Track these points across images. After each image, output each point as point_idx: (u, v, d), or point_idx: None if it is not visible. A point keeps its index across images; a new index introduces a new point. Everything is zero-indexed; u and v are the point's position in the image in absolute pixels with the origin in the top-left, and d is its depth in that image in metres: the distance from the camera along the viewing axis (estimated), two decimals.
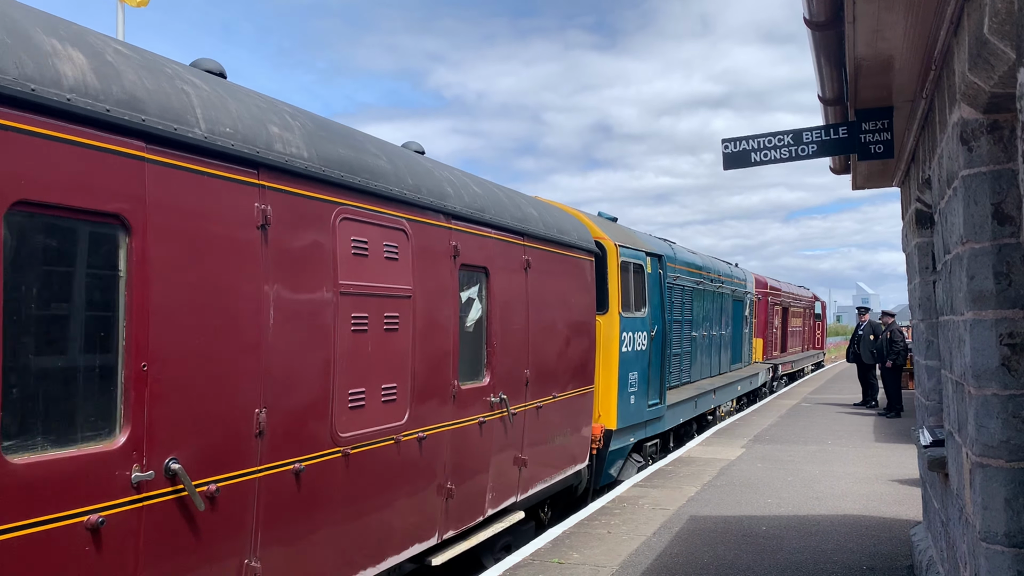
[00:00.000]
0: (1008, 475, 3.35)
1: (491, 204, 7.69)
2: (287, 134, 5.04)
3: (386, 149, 6.42)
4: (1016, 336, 3.38)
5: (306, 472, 5.00)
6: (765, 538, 8.03)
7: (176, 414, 4.10)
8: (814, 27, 4.66)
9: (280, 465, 4.81)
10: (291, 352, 4.90)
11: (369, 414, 5.63)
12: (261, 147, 4.72)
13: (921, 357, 6.66)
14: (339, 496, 5.34)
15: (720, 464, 12.13)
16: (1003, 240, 3.38)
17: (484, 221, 7.41)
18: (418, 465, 6.23)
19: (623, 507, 9.40)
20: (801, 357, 32.55)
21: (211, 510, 4.31)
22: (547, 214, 9.16)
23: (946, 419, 4.64)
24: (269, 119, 4.97)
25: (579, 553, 7.53)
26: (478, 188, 7.68)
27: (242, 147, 4.57)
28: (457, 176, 7.43)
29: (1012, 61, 2.68)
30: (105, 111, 3.77)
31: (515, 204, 8.37)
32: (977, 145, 3.43)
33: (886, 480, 10.80)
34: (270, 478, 4.72)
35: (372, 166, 5.87)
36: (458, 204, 6.96)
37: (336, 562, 5.35)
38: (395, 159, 6.37)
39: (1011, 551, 3.31)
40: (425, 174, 6.69)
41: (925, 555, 6.17)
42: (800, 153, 6.57)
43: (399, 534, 6.03)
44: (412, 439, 6.13)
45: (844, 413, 18.78)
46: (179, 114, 4.20)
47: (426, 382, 6.33)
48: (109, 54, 4.02)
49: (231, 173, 4.52)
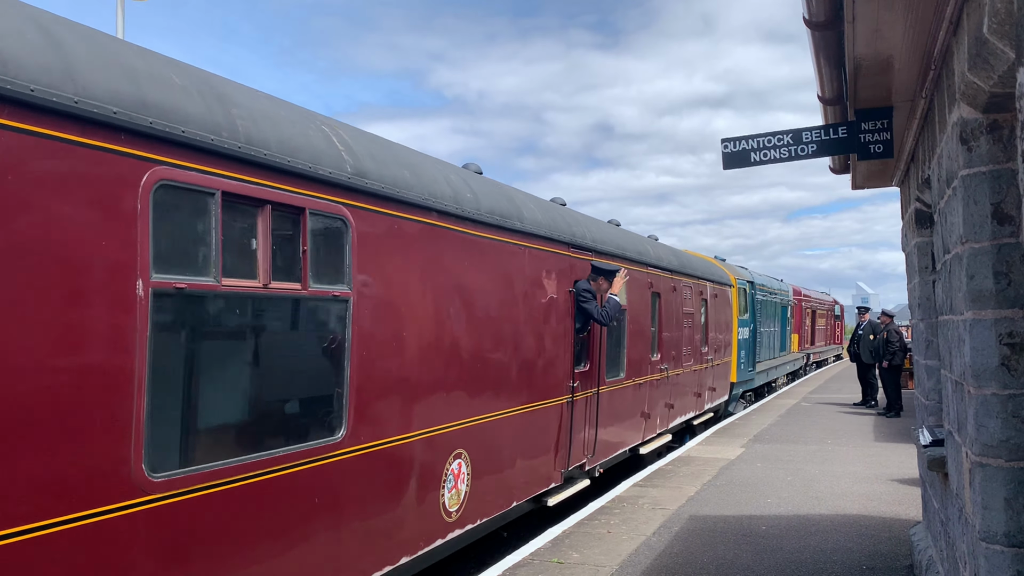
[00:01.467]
0: (1008, 475, 3.35)
1: (668, 257, 13.39)
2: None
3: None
4: (1016, 336, 3.38)
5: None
6: (765, 538, 8.03)
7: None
8: (813, 27, 4.66)
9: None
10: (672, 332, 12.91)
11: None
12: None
13: (921, 357, 6.66)
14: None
15: (720, 464, 12.14)
16: (1003, 240, 3.38)
17: (658, 265, 12.56)
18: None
19: (623, 507, 9.41)
20: (825, 349, 43.09)
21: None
22: (697, 262, 16.23)
23: (946, 419, 4.64)
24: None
25: (579, 553, 7.54)
26: (662, 251, 13.34)
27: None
28: (651, 244, 13.12)
29: (1011, 61, 2.68)
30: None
31: (679, 256, 14.60)
32: (977, 145, 3.43)
33: (886, 480, 10.81)
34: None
35: (645, 252, 12.05)
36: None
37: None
38: (641, 243, 12.16)
39: (1011, 551, 3.32)
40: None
41: (925, 555, 6.18)
42: (799, 153, 6.57)
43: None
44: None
45: (844, 413, 18.79)
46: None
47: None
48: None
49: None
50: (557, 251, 8.51)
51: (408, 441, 5.86)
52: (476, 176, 7.69)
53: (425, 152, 7.54)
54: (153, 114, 3.85)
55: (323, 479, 4.95)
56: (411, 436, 5.89)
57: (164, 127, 3.88)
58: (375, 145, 5.92)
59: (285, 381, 4.89)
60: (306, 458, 4.81)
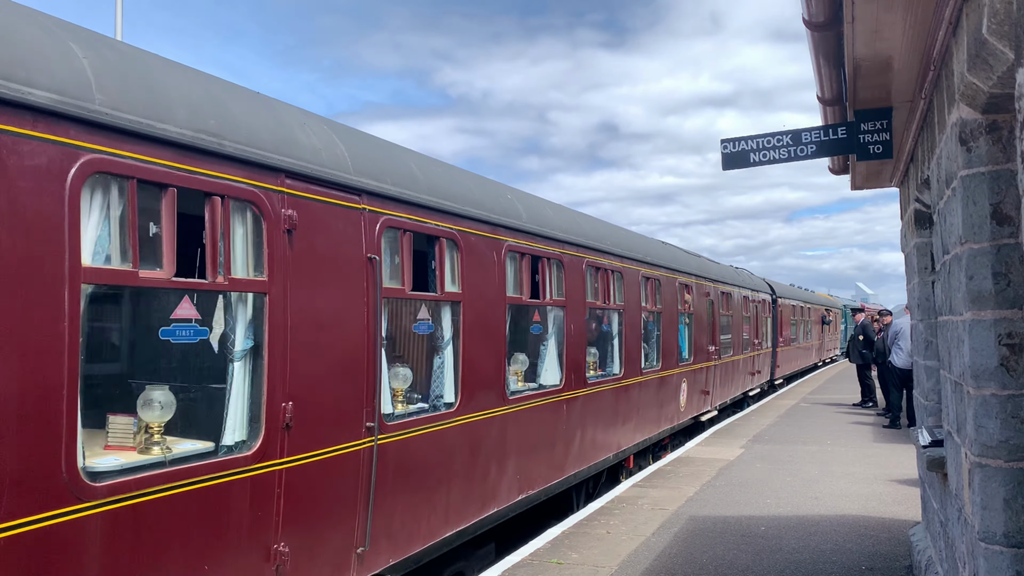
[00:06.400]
0: (1007, 475, 3.35)
1: (729, 276, 19.09)
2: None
3: (724, 270, 18.35)
4: (1015, 336, 3.38)
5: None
6: (764, 538, 8.03)
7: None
8: (813, 27, 4.67)
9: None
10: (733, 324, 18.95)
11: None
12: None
13: (920, 357, 6.66)
14: (740, 367, 19.48)
15: (719, 464, 12.14)
16: (1002, 240, 3.38)
17: (716, 280, 17.46)
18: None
19: (622, 507, 9.41)
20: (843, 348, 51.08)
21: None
22: (746, 276, 22.09)
23: (945, 419, 4.64)
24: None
25: (578, 553, 7.54)
26: (724, 267, 18.81)
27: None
28: (720, 266, 18.93)
29: (1011, 61, 2.68)
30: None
31: (740, 274, 21.00)
32: (976, 145, 3.43)
33: (885, 480, 10.81)
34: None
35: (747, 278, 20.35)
36: (715, 276, 17.30)
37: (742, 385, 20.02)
38: (736, 275, 19.72)
39: (1010, 551, 3.32)
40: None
41: (924, 555, 6.18)
42: (799, 153, 6.58)
43: (743, 384, 20.01)
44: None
45: (843, 413, 18.79)
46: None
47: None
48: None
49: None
50: (684, 279, 14.26)
51: (670, 374, 13.17)
52: (665, 245, 14.29)
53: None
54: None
55: (663, 382, 12.77)
56: (670, 372, 13.17)
57: None
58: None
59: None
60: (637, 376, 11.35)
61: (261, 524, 4.54)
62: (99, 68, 3.83)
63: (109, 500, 3.69)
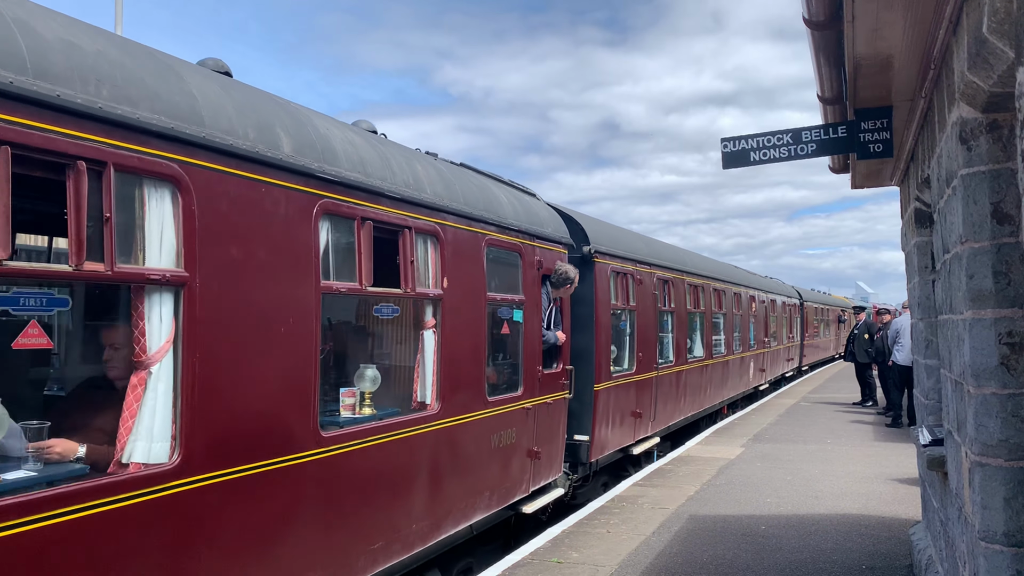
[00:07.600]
0: (1007, 474, 3.35)
1: (775, 287, 26.13)
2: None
3: (727, 269, 20.83)
4: (1015, 335, 3.38)
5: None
6: (764, 537, 8.03)
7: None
8: (813, 26, 4.66)
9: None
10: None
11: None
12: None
13: (920, 356, 6.66)
14: (770, 361, 24.79)
15: (719, 463, 12.14)
16: (1002, 239, 3.38)
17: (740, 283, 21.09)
18: (759, 361, 22.46)
19: (622, 506, 9.41)
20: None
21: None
22: (780, 284, 28.44)
23: (945, 418, 4.64)
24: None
25: (578, 552, 7.54)
26: (770, 280, 25.87)
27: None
28: (768, 280, 26.30)
29: (1011, 60, 2.68)
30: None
31: (780, 284, 27.53)
32: (976, 144, 3.43)
33: (885, 479, 10.81)
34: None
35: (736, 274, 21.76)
36: (767, 288, 23.60)
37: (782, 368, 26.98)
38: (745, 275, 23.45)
39: (1010, 550, 3.32)
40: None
41: (924, 554, 6.18)
42: (799, 152, 6.57)
43: (755, 378, 22.77)
44: (760, 353, 22.44)
45: (843, 412, 18.79)
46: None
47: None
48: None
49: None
50: (752, 292, 20.64)
51: (746, 355, 20.33)
52: (737, 269, 19.24)
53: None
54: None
55: (743, 361, 20.24)
56: (745, 354, 20.27)
57: None
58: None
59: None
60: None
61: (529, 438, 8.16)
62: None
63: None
